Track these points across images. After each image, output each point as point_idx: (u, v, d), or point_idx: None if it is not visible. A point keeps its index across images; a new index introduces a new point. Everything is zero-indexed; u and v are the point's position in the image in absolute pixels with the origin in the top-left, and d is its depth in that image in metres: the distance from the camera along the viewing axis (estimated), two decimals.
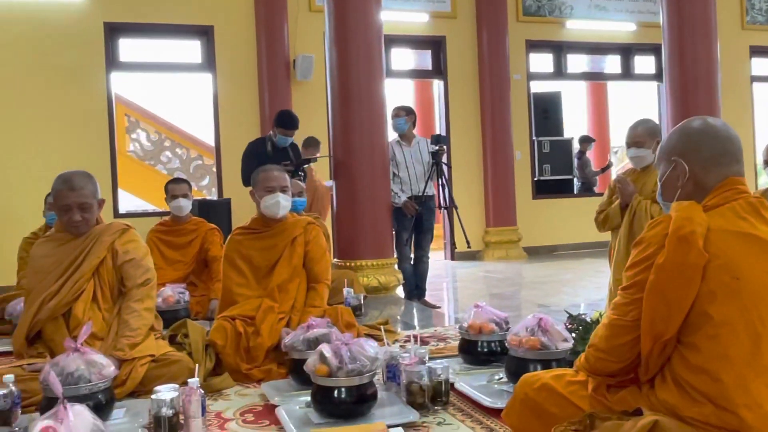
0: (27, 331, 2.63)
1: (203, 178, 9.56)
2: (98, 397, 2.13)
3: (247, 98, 7.61)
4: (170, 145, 9.57)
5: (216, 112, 7.66)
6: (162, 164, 9.53)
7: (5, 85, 6.82)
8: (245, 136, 6.69)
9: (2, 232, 6.03)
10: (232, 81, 7.61)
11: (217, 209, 6.40)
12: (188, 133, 9.73)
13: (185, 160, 9.60)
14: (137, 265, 2.70)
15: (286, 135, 5.07)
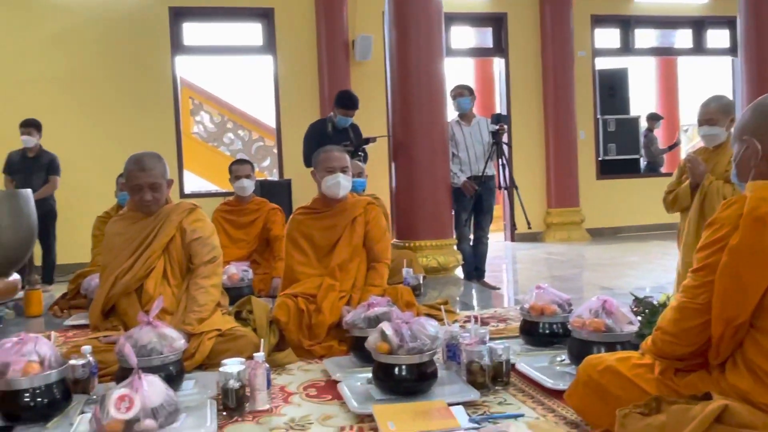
0: (102, 305, 2.77)
1: (264, 159, 9.75)
2: (169, 368, 2.22)
3: (307, 79, 7.68)
4: (232, 126, 9.79)
5: (276, 93, 7.76)
6: (225, 146, 9.76)
7: (76, 72, 7.10)
8: (305, 117, 6.77)
9: (77, 211, 6.32)
10: (292, 62, 7.69)
11: (278, 189, 6.51)
12: (250, 115, 9.92)
13: (247, 142, 9.80)
14: (204, 244, 2.79)
15: (346, 115, 5.09)
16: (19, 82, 6.95)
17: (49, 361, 2.01)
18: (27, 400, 1.96)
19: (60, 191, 5.95)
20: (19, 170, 5.76)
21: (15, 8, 7.00)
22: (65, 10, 7.08)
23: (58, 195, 5.97)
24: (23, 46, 6.99)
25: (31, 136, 5.71)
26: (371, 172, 5.14)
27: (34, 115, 5.92)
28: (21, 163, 5.78)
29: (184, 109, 8.46)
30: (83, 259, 5.10)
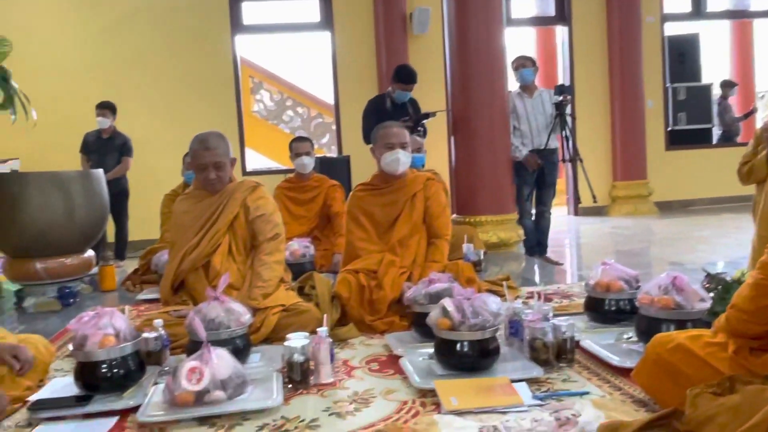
0: (172, 281, 2.87)
1: (323, 135, 9.83)
2: (237, 342, 2.29)
3: (365, 55, 7.66)
4: (292, 104, 9.89)
5: (334, 70, 7.78)
6: (284, 123, 9.88)
7: (141, 54, 7.31)
8: (363, 93, 6.76)
9: (145, 190, 6.55)
10: (350, 38, 7.67)
11: (337, 166, 6.54)
12: (308, 92, 9.99)
13: (306, 119, 9.89)
14: (267, 221, 2.85)
15: (405, 90, 5.05)
16: (88, 66, 7.22)
17: (124, 335, 2.10)
18: (104, 371, 2.05)
19: (132, 171, 6.16)
20: (94, 150, 6.00)
21: None
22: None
23: (130, 174, 6.19)
24: (91, 30, 7.24)
25: (105, 118, 5.93)
26: (430, 147, 5.10)
27: (104, 98, 6.15)
28: (96, 144, 6.02)
29: (244, 88, 8.59)
30: (153, 236, 5.29)
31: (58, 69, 7.13)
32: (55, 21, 7.22)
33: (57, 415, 1.99)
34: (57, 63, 7.14)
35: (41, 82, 6.57)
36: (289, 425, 1.86)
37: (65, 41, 7.21)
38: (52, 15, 7.21)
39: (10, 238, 3.88)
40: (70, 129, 6.34)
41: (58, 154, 6.56)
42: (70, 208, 3.90)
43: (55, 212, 3.84)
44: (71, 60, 7.20)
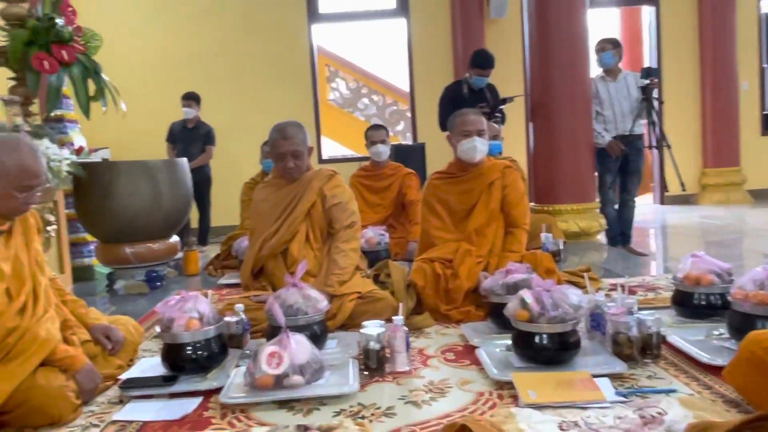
0: (252, 266, 2.94)
1: (398, 123, 9.82)
2: (314, 328, 2.32)
3: (440, 41, 7.58)
4: (367, 92, 9.92)
5: (410, 57, 7.74)
6: (359, 111, 9.93)
7: (221, 45, 7.51)
8: (439, 79, 6.69)
9: (226, 177, 6.76)
10: (425, 24, 7.61)
11: (413, 154, 6.54)
12: (383, 79, 9.99)
13: (381, 107, 9.91)
14: (343, 209, 2.87)
15: (482, 75, 4.96)
16: (172, 58, 7.49)
17: (207, 318, 2.18)
18: (189, 353, 2.13)
19: (214, 159, 6.37)
20: (179, 140, 6.25)
21: None
22: None
23: (213, 163, 6.40)
24: (175, 23, 7.50)
25: (191, 108, 6.16)
26: (507, 133, 5.00)
27: (187, 88, 6.37)
28: (181, 133, 6.26)
29: (320, 77, 8.69)
30: (234, 222, 5.45)
31: (144, 61, 7.44)
32: (141, 15, 7.52)
33: (145, 394, 2.08)
34: (143, 55, 7.45)
35: (129, 74, 6.87)
36: (365, 412, 1.87)
37: (151, 34, 7.51)
38: (138, 9, 7.52)
39: (102, 224, 4.09)
40: (157, 119, 6.61)
41: (145, 143, 6.86)
42: (157, 195, 4.07)
43: (143, 200, 4.02)
44: (156, 52, 7.49)
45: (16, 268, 2.03)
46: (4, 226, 2.04)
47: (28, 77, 3.97)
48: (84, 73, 4.14)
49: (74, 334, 2.20)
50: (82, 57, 4.12)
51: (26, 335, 1.92)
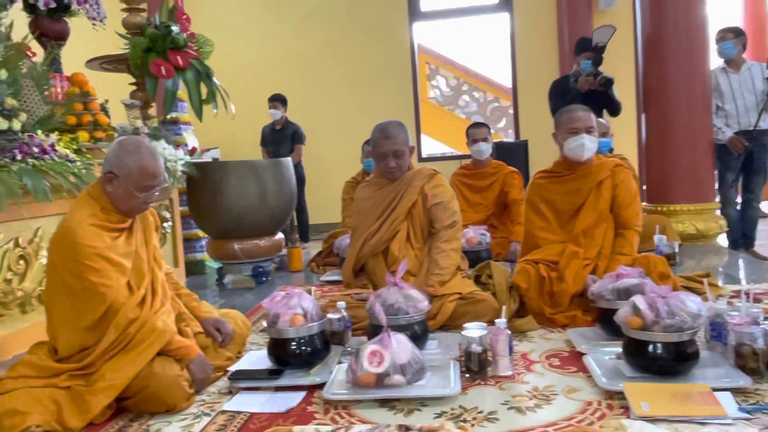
0: (353, 265, 2.98)
1: (500, 120, 9.64)
2: (415, 328, 2.31)
3: (545, 35, 7.36)
4: (468, 89, 9.81)
5: (513, 52, 7.58)
6: (460, 108, 9.85)
7: (324, 46, 7.68)
8: (543, 74, 6.52)
9: (327, 176, 6.91)
10: (530, 18, 7.42)
11: (515, 151, 6.38)
12: (485, 76, 9.85)
13: (482, 104, 9.77)
14: (444, 208, 2.84)
15: (589, 58, 4.74)
16: (278, 59, 7.75)
17: (311, 315, 2.22)
18: (293, 348, 2.19)
19: (314, 157, 6.51)
20: (270, 142, 6.44)
21: None
22: None
23: (313, 161, 6.55)
24: (281, 25, 7.75)
25: (277, 110, 6.33)
26: (616, 129, 4.77)
27: (289, 90, 6.56)
28: (271, 135, 6.45)
29: (421, 75, 8.69)
30: (328, 220, 5.55)
31: (251, 63, 7.73)
32: (248, 20, 7.83)
33: (253, 386, 2.16)
34: (249, 58, 7.75)
35: (237, 76, 7.16)
36: (467, 415, 1.84)
37: (257, 38, 7.80)
38: (245, 15, 7.83)
39: (213, 221, 4.29)
40: (262, 119, 6.85)
41: (252, 142, 7.13)
42: (263, 193, 4.21)
43: (250, 198, 4.17)
44: (262, 55, 7.78)
45: (136, 263, 2.16)
46: (126, 223, 2.17)
47: (147, 82, 4.22)
48: (197, 78, 4.35)
49: (188, 326, 2.32)
50: (195, 62, 4.34)
51: (145, 326, 2.03)
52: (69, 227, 2.01)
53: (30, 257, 2.81)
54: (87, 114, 3.36)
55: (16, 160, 2.44)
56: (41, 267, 2.85)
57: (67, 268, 2.01)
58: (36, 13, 3.68)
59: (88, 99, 3.43)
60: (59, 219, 2.96)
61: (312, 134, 7.27)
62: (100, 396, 1.91)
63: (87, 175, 2.80)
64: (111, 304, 2.02)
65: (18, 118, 2.68)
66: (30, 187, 2.41)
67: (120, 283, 2.06)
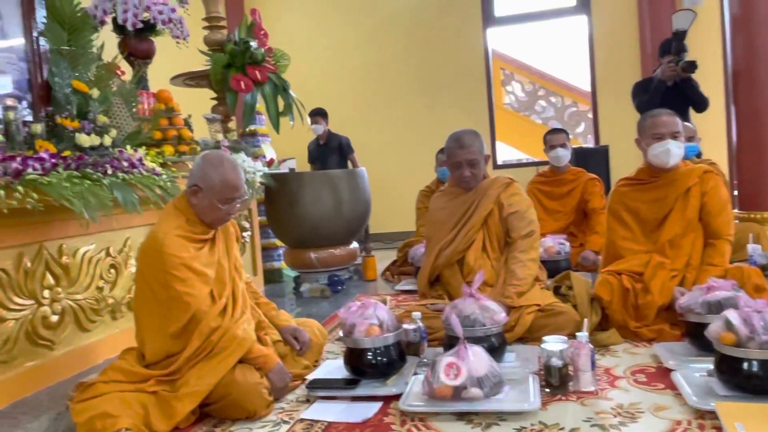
0: (428, 275, 2.96)
1: (578, 125, 9.39)
2: (492, 340, 2.27)
3: (626, 36, 7.12)
4: (544, 94, 9.62)
5: (591, 55, 7.38)
6: (536, 114, 9.66)
7: (396, 55, 7.72)
8: (624, 77, 6.31)
9: (398, 184, 6.92)
10: (609, 19, 7.20)
11: (594, 157, 6.20)
12: (561, 80, 9.62)
13: (559, 108, 9.55)
14: (521, 217, 2.78)
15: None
16: (352, 70, 7.84)
17: (386, 325, 2.22)
18: (369, 358, 2.19)
19: (385, 166, 6.51)
20: (316, 157, 6.48)
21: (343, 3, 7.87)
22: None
23: (387, 169, 6.55)
24: (354, 36, 7.84)
25: (318, 124, 6.32)
26: (703, 133, 4.54)
27: (361, 100, 6.62)
28: (316, 151, 6.49)
29: (495, 81, 8.59)
30: (398, 228, 5.53)
31: (326, 75, 7.86)
32: (322, 31, 7.96)
33: (330, 395, 2.18)
34: (325, 70, 7.88)
35: (313, 88, 7.30)
36: (548, 431, 1.79)
37: (332, 49, 7.92)
38: (319, 26, 7.97)
39: (289, 230, 4.38)
40: (338, 129, 6.96)
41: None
42: (338, 203, 4.27)
43: (326, 207, 4.23)
44: (336, 66, 7.89)
45: (218, 273, 2.23)
46: (209, 234, 2.25)
47: (228, 97, 4.37)
48: (274, 91, 4.46)
49: (267, 334, 2.37)
50: (272, 76, 4.45)
51: (226, 334, 2.09)
52: (156, 238, 2.10)
53: (120, 266, 2.95)
54: (172, 129, 3.51)
55: (107, 174, 2.57)
56: (130, 275, 2.99)
57: (154, 277, 2.10)
58: (124, 34, 3.88)
59: (172, 114, 3.58)
60: (146, 229, 3.11)
61: (384, 143, 7.34)
62: (185, 401, 1.98)
63: (172, 188, 2.92)
64: (195, 312, 2.09)
65: (109, 134, 2.83)
66: (120, 199, 2.54)
67: (203, 292, 2.13)
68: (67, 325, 2.60)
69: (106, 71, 3.20)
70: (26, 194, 2.12)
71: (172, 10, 3.94)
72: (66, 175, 2.34)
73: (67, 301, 2.60)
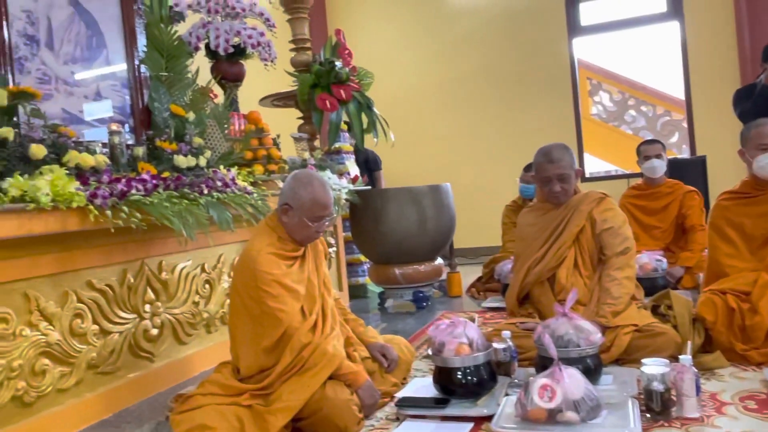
0: (518, 292, 2.89)
1: (672, 134, 8.96)
2: (587, 361, 2.18)
3: (722, 40, 6.76)
4: (634, 103, 9.24)
5: (684, 61, 7.06)
6: (626, 124, 9.29)
7: (478, 68, 7.64)
8: (721, 84, 6.01)
9: (486, 198, 6.84)
10: (704, 24, 6.87)
11: (690, 169, 5.90)
12: (653, 88, 9.22)
13: (651, 118, 9.15)
14: (615, 234, 2.68)
15: None
16: (433, 85, 7.82)
17: (476, 344, 2.18)
18: (459, 378, 2.16)
19: (464, 179, 6.40)
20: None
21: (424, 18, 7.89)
22: (471, 12, 7.68)
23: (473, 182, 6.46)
24: (437, 49, 7.83)
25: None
26: None
27: (444, 114, 6.57)
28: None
29: (582, 91, 8.36)
30: (479, 243, 5.43)
31: (408, 90, 7.87)
32: (405, 46, 8.00)
33: (419, 414, 2.16)
34: (407, 84, 7.89)
35: (394, 104, 7.31)
36: None
37: (413, 64, 7.94)
38: (401, 41, 8.01)
39: (374, 246, 4.41)
40: (421, 144, 6.97)
41: (408, 168, 7.26)
42: (423, 219, 4.26)
43: (410, 224, 4.23)
44: (418, 80, 7.90)
45: (308, 290, 2.27)
46: (299, 251, 2.29)
47: (314, 116, 4.47)
48: (359, 109, 4.54)
49: (355, 351, 2.38)
50: (357, 94, 4.52)
51: (317, 350, 2.12)
52: (250, 255, 2.16)
53: (214, 282, 3.06)
54: (261, 149, 3.62)
55: (203, 194, 2.68)
56: (223, 291, 3.10)
57: (248, 293, 2.16)
58: (216, 58, 4.06)
59: (262, 135, 3.70)
60: (238, 246, 3.23)
61: (467, 157, 7.27)
62: (278, 416, 2.01)
63: (262, 206, 3.00)
64: (286, 328, 2.13)
65: (204, 155, 2.95)
66: (215, 218, 2.63)
67: (295, 308, 2.17)
68: (165, 338, 2.72)
69: (200, 95, 3.35)
70: (131, 214, 2.23)
71: (260, 34, 4.10)
72: (166, 195, 2.46)
73: (166, 315, 2.72)
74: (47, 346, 2.15)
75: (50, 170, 2.08)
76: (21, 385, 2.04)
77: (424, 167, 6.87)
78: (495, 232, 5.03)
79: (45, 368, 2.14)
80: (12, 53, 2.41)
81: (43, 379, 2.13)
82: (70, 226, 2.12)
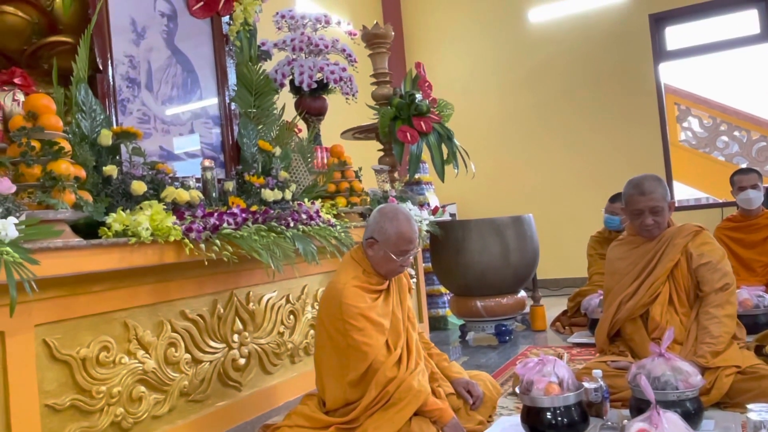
0: (608, 329, 2.77)
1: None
2: (686, 404, 2.06)
3: None
4: (726, 128, 8.83)
5: None
6: (718, 150, 8.87)
7: (558, 96, 7.49)
8: None
9: (569, 229, 6.66)
10: None
11: None
12: (747, 112, 8.78)
13: (745, 143, 8.70)
14: (714, 269, 2.54)
15: None
16: (510, 115, 7.74)
17: (567, 383, 2.11)
18: (549, 418, 2.08)
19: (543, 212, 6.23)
20: None
21: (503, 48, 7.86)
22: (550, 40, 7.60)
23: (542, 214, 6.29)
24: (514, 79, 7.77)
25: None
26: None
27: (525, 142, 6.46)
28: None
29: (670, 117, 8.06)
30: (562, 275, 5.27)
31: (488, 118, 7.82)
32: (484, 74, 7.96)
33: None
34: (486, 113, 7.84)
35: (472, 133, 7.27)
36: None
37: (491, 93, 7.89)
38: (480, 71, 7.98)
39: (455, 278, 4.37)
40: (498, 173, 6.89)
41: (487, 197, 7.19)
42: (505, 251, 4.19)
43: (492, 255, 4.17)
44: (496, 110, 7.83)
45: (393, 323, 2.26)
46: (384, 285, 2.30)
47: (395, 148, 4.51)
48: (439, 140, 4.54)
49: (440, 386, 2.35)
50: (437, 125, 4.54)
51: (402, 385, 2.11)
52: (337, 288, 2.18)
53: (298, 312, 3.11)
54: (344, 181, 3.68)
55: (289, 227, 2.74)
56: (307, 321, 3.14)
57: (333, 325, 2.18)
58: (300, 94, 4.19)
59: (345, 168, 3.77)
60: (321, 277, 3.28)
61: (549, 186, 7.12)
62: None
63: (346, 238, 3.04)
64: (372, 362, 2.13)
65: (289, 189, 3.03)
66: (301, 250, 2.69)
67: (380, 342, 2.17)
68: (252, 368, 2.78)
69: (286, 130, 3.46)
70: (223, 247, 2.31)
71: (342, 69, 4.21)
72: (255, 228, 2.53)
73: (253, 345, 2.78)
74: (144, 373, 2.24)
75: (149, 205, 2.19)
76: (119, 411, 2.13)
77: (505, 197, 6.78)
78: (578, 263, 4.89)
79: (141, 395, 2.22)
80: (116, 95, 2.58)
81: (140, 406, 2.22)
82: (167, 259, 2.21)
